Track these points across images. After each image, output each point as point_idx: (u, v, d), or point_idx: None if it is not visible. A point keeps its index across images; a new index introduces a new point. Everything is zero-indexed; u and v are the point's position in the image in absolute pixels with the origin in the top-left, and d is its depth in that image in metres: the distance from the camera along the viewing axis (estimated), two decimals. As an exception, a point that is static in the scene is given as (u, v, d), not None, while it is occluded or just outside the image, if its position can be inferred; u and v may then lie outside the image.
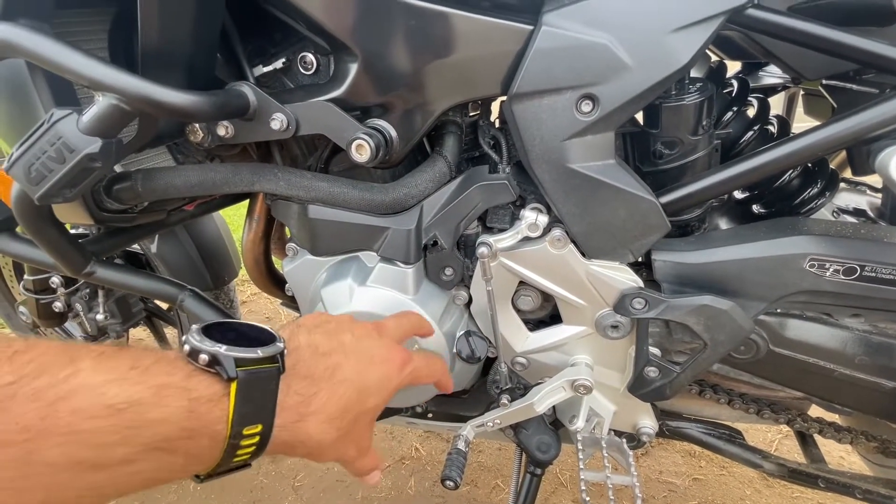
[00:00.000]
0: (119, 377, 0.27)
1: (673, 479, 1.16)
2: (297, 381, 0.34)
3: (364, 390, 0.38)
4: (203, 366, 0.30)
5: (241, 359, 0.31)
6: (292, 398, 0.34)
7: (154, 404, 0.27)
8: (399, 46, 0.50)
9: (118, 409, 0.26)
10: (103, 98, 0.44)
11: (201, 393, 0.29)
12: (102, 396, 0.26)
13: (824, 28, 0.44)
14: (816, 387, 0.59)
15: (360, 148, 0.52)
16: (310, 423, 0.34)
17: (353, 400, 0.37)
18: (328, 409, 0.35)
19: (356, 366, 0.38)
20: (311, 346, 0.38)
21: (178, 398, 0.28)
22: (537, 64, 0.48)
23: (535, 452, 0.66)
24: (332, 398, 0.35)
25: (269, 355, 0.32)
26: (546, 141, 0.50)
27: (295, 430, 0.34)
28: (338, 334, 0.40)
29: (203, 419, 0.29)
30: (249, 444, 0.31)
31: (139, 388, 0.27)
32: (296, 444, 0.34)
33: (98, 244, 0.66)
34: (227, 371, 0.30)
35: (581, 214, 0.53)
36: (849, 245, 0.50)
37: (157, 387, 0.28)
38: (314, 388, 0.35)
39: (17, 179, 0.47)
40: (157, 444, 0.28)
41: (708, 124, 0.54)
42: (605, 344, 0.61)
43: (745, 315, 0.52)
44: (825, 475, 0.65)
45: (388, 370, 0.41)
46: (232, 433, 0.30)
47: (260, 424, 0.31)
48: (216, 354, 0.30)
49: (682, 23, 0.45)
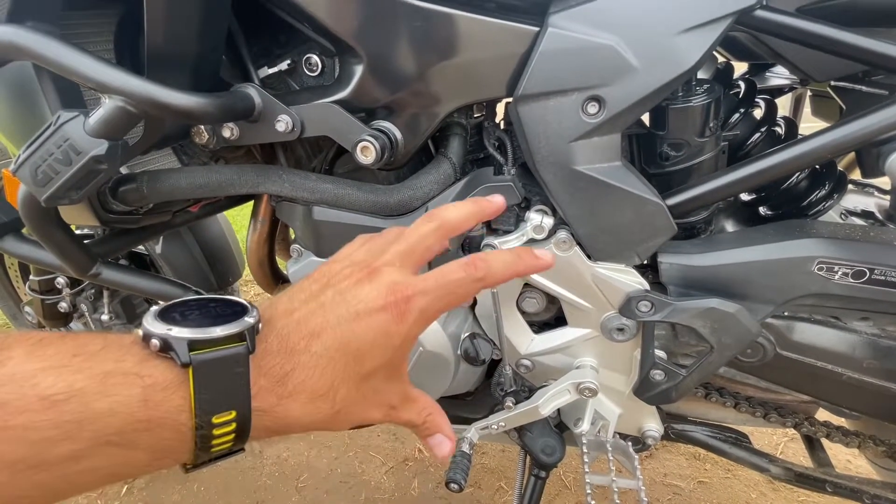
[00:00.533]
0: (57, 364, 0.24)
1: (678, 483, 1.16)
2: (269, 358, 0.29)
3: (355, 354, 0.31)
4: (156, 351, 0.26)
5: (196, 340, 0.27)
6: (266, 379, 0.29)
7: (99, 393, 0.24)
8: (404, 48, 0.50)
9: (55, 400, 0.23)
10: (109, 100, 0.44)
11: (156, 380, 0.26)
12: (35, 387, 0.23)
13: (833, 29, 0.44)
14: (824, 391, 0.58)
15: (366, 150, 0.52)
16: (291, 406, 0.29)
17: (341, 370, 0.30)
18: (309, 386, 0.29)
19: (338, 328, 0.31)
20: (287, 314, 0.32)
21: (129, 386, 0.25)
22: (543, 65, 0.48)
23: (540, 455, 0.66)
24: (312, 373, 0.30)
25: (231, 333, 0.27)
26: (552, 143, 0.50)
27: (277, 414, 0.29)
28: (322, 293, 0.33)
29: (160, 408, 0.25)
30: (225, 432, 0.27)
31: (81, 376, 0.24)
32: (284, 427, 0.30)
33: (103, 245, 0.66)
34: (178, 356, 0.26)
35: (587, 216, 0.53)
36: (858, 248, 0.49)
37: (103, 374, 0.25)
38: (289, 364, 0.29)
39: (24, 181, 0.48)
40: (108, 437, 0.24)
41: (715, 126, 0.54)
42: (610, 347, 0.60)
43: (752, 318, 0.52)
44: (833, 479, 0.65)
45: (382, 321, 0.31)
46: (198, 423, 0.26)
47: (233, 410, 0.27)
48: (166, 338, 0.26)
49: (690, 24, 0.45)
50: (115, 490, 1.21)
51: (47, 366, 0.24)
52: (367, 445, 1.31)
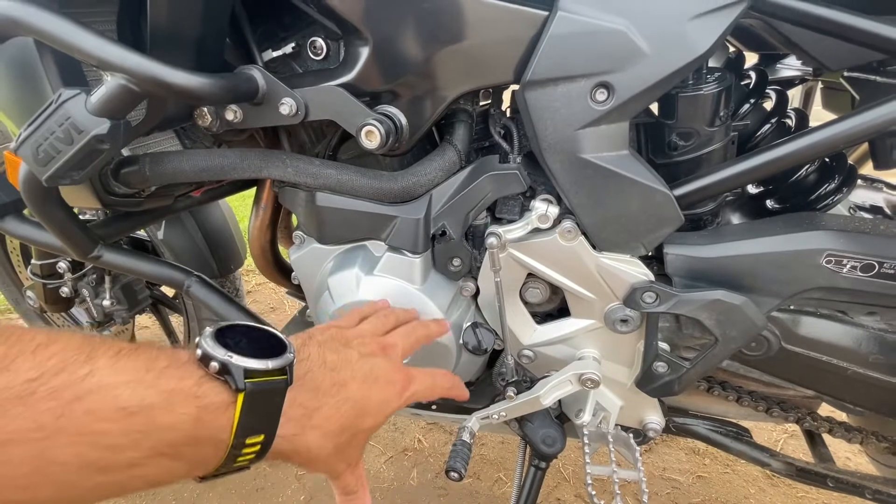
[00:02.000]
0: (134, 379, 0.27)
1: (677, 477, 1.16)
2: (303, 394, 0.35)
3: (364, 410, 0.38)
4: (213, 373, 0.30)
5: (251, 370, 0.30)
6: (296, 410, 0.34)
7: (164, 409, 0.27)
8: (411, 31, 0.49)
9: (130, 412, 0.26)
10: (112, 78, 0.43)
11: (210, 401, 0.29)
12: (116, 399, 0.26)
13: (850, 15, 0.43)
14: (829, 385, 0.58)
15: (370, 134, 0.51)
16: (309, 437, 0.35)
17: (352, 418, 0.37)
18: (329, 424, 0.36)
19: (361, 386, 0.39)
20: (320, 359, 0.38)
21: (188, 405, 0.28)
22: (552, 50, 0.47)
23: (541, 446, 0.66)
24: (334, 415, 0.36)
25: (279, 367, 0.32)
26: (559, 130, 0.49)
27: (294, 441, 0.34)
28: (346, 350, 0.41)
29: (209, 427, 0.29)
30: (250, 451, 0.31)
31: (151, 392, 0.27)
32: (292, 454, 0.35)
33: (105, 228, 0.65)
34: (235, 382, 0.30)
35: (593, 206, 0.52)
36: (868, 241, 0.48)
37: (168, 392, 0.28)
38: (318, 403, 0.36)
39: (25, 160, 0.47)
40: (163, 449, 0.28)
41: (725, 115, 0.53)
42: (613, 338, 0.60)
43: (758, 311, 0.51)
44: (834, 475, 0.65)
45: (389, 394, 0.41)
46: (234, 443, 0.30)
47: (263, 434, 0.31)
48: (227, 364, 0.30)
49: (703, 9, 0.44)
50: (115, 475, 1.22)
51: (126, 380, 0.27)
52: (366, 435, 1.31)
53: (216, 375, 0.30)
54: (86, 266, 0.99)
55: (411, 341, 0.50)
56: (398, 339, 0.48)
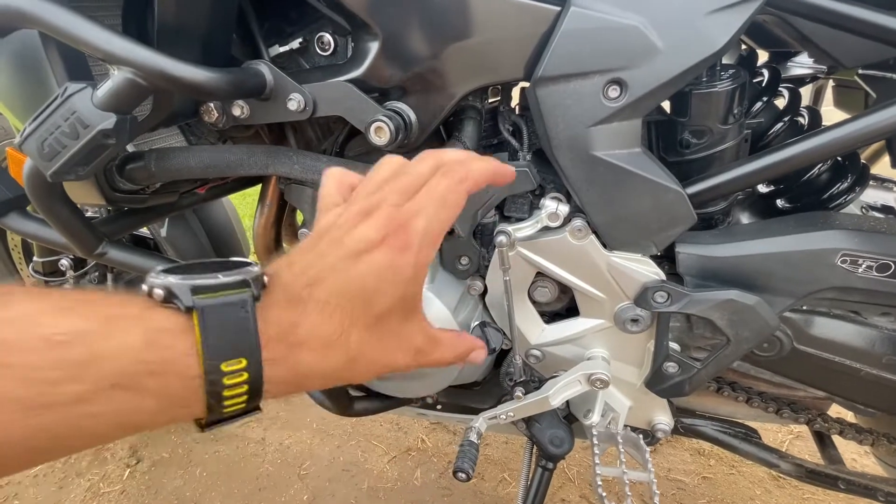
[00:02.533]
0: (60, 307, 0.24)
1: (682, 478, 1.15)
2: (275, 310, 0.28)
3: (360, 296, 0.30)
4: (160, 301, 0.26)
5: (199, 286, 0.26)
6: (272, 328, 0.28)
7: (103, 335, 0.23)
8: (421, 26, 0.49)
9: (58, 341, 0.23)
10: (119, 72, 0.43)
11: (160, 324, 0.25)
12: (38, 327, 0.23)
13: (866, 10, 0.42)
14: (841, 387, 0.57)
15: (380, 131, 0.51)
16: (303, 355, 0.28)
17: (349, 313, 0.29)
18: (319, 333, 0.29)
19: (339, 270, 0.30)
20: (290, 265, 0.31)
21: (132, 328, 0.24)
22: (564, 46, 0.46)
23: (548, 446, 0.65)
24: (320, 320, 0.29)
25: (236, 280, 0.27)
26: (570, 127, 0.49)
27: (290, 365, 0.28)
28: (317, 243, 0.32)
29: (167, 352, 0.25)
30: (237, 382, 0.26)
31: (83, 319, 0.24)
32: (301, 380, 0.29)
33: (109, 225, 0.65)
34: (182, 301, 0.25)
35: (604, 204, 0.51)
36: (884, 241, 0.48)
37: (106, 317, 0.24)
38: (295, 314, 0.29)
39: (30, 155, 0.46)
40: (115, 380, 0.23)
41: (739, 113, 0.53)
42: (623, 338, 0.59)
43: (770, 311, 0.51)
44: (846, 476, 0.64)
45: (384, 255, 0.30)
46: (207, 367, 0.25)
47: (243, 359, 0.26)
48: (169, 286, 0.26)
49: (719, 4, 0.43)
50: (117, 474, 1.22)
51: (50, 307, 0.23)
52: (369, 434, 1.30)
53: (164, 303, 0.26)
54: (88, 263, 0.98)
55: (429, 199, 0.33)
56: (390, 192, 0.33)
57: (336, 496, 1.14)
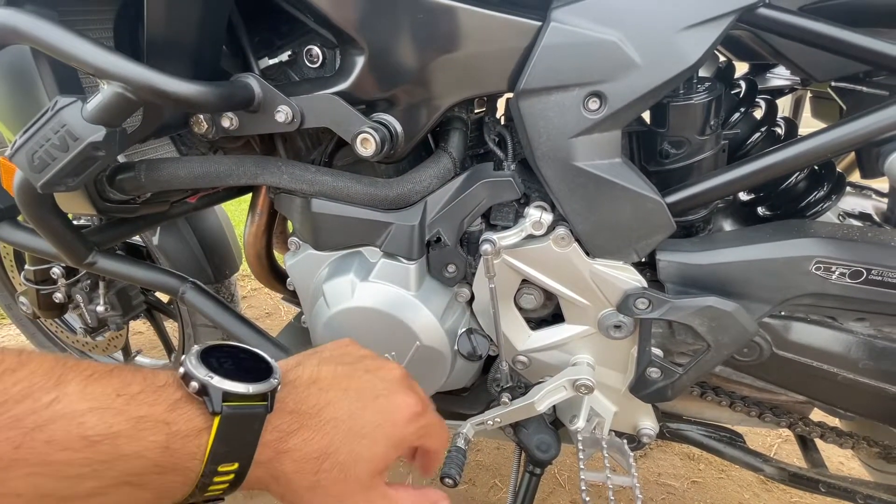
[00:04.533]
0: (101, 406, 0.26)
1: (671, 482, 1.16)
2: (281, 417, 0.32)
3: (353, 434, 0.33)
4: (192, 392, 0.29)
5: (230, 393, 0.29)
6: (272, 434, 0.31)
7: (131, 437, 0.26)
8: (406, 40, 0.50)
9: (93, 441, 0.25)
10: (108, 86, 0.44)
11: (180, 427, 0.28)
12: (80, 426, 0.25)
13: (835, 28, 0.44)
14: (819, 391, 0.58)
15: (366, 142, 0.52)
16: (284, 461, 0.31)
17: (336, 443, 0.32)
18: (306, 448, 0.31)
19: (352, 404, 0.33)
20: (311, 378, 0.34)
21: (156, 432, 0.27)
22: (545, 60, 0.48)
23: (535, 452, 0.66)
24: (313, 437, 0.32)
25: (259, 392, 0.30)
26: (552, 138, 0.50)
27: (269, 466, 0.31)
28: (349, 368, 0.36)
29: (177, 455, 0.28)
30: (223, 480, 0.29)
31: (119, 418, 0.26)
32: (270, 482, 0.32)
33: (100, 234, 0.65)
34: (213, 404, 0.29)
35: (586, 213, 0.53)
36: (855, 248, 0.49)
37: (137, 419, 0.27)
38: (296, 425, 0.32)
39: (21, 167, 0.47)
40: (128, 478, 0.26)
41: (716, 124, 0.54)
42: (607, 344, 0.60)
43: (749, 317, 0.52)
44: (826, 479, 0.65)
45: (392, 416, 0.34)
46: (205, 471, 0.28)
47: (237, 463, 0.29)
48: (206, 384, 0.29)
49: (692, 21, 0.45)
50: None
51: (94, 407, 0.26)
52: (361, 441, 1.30)
53: (195, 395, 0.29)
54: (80, 271, 0.98)
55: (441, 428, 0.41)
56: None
57: None
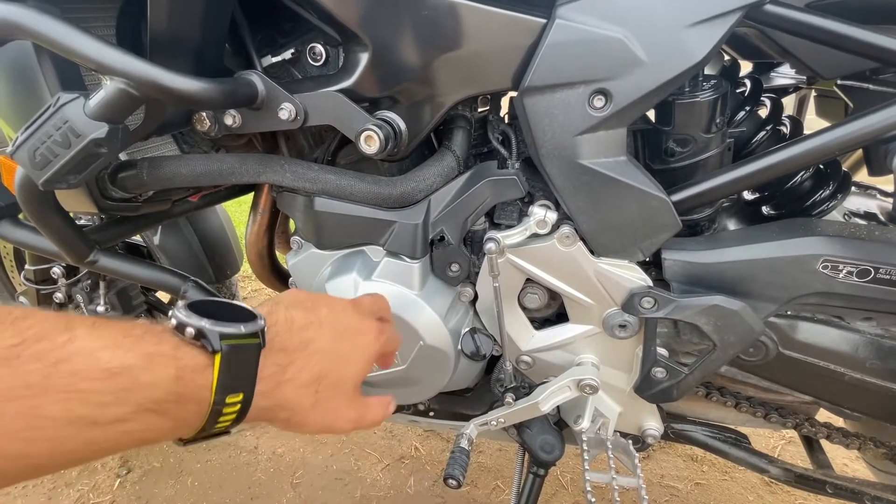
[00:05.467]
0: (112, 344, 0.29)
1: (675, 484, 1.15)
2: (274, 354, 0.37)
3: (338, 358, 0.41)
4: (189, 339, 0.32)
5: (225, 333, 0.33)
6: (269, 368, 0.36)
7: (145, 369, 0.30)
8: (411, 37, 0.50)
9: (113, 372, 0.28)
10: (111, 82, 0.43)
11: (188, 362, 0.32)
12: (98, 360, 0.28)
13: (843, 25, 0.44)
14: (826, 391, 0.58)
15: (370, 139, 0.51)
16: (286, 389, 0.37)
17: (326, 367, 0.39)
18: (302, 375, 0.38)
19: (330, 336, 0.41)
20: (287, 321, 0.40)
21: (167, 365, 0.31)
22: (550, 58, 0.47)
23: (539, 452, 0.65)
24: (305, 366, 0.38)
25: (251, 331, 0.35)
26: (557, 136, 0.50)
27: (272, 395, 0.36)
28: (315, 309, 0.42)
29: (189, 385, 0.31)
30: (231, 410, 0.34)
31: (131, 354, 0.30)
32: (274, 409, 0.37)
33: (101, 233, 0.65)
34: (211, 344, 0.32)
35: (591, 211, 0.52)
36: (863, 247, 0.49)
37: (147, 354, 0.30)
38: (287, 360, 0.38)
39: (22, 164, 0.47)
40: (149, 405, 0.30)
41: (721, 122, 0.54)
42: (612, 343, 0.60)
43: (755, 316, 0.52)
44: (833, 481, 0.65)
45: (364, 339, 0.44)
46: (216, 399, 0.32)
47: (241, 393, 0.34)
48: (202, 329, 0.32)
49: (699, 18, 0.44)
50: (107, 484, 1.20)
51: (106, 344, 0.29)
52: (363, 443, 1.30)
53: (192, 341, 0.32)
54: (80, 271, 0.98)
55: (378, 304, 0.51)
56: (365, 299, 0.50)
57: (329, 505, 1.13)
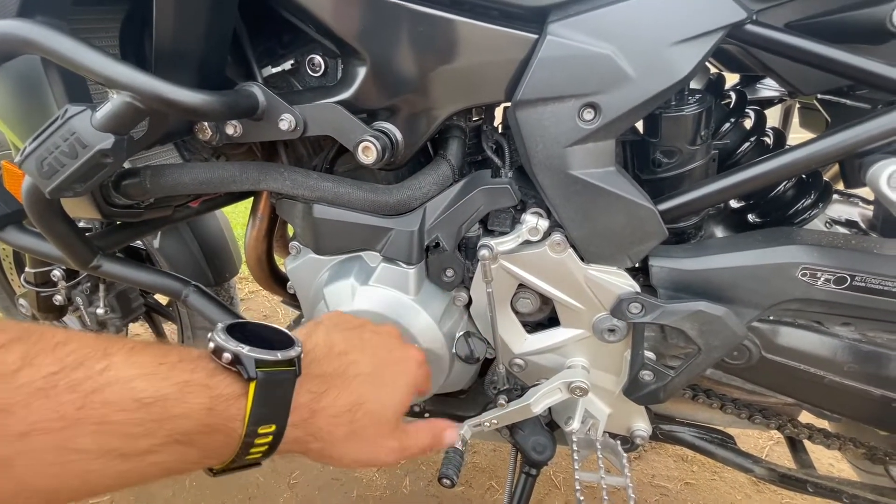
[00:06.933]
0: (148, 373, 0.29)
1: (665, 484, 1.17)
2: (310, 381, 0.36)
3: (378, 385, 0.39)
4: (225, 364, 0.32)
5: (262, 360, 0.32)
6: (304, 396, 0.35)
7: (177, 400, 0.29)
8: (408, 52, 0.51)
9: (145, 402, 0.28)
10: (117, 96, 0.45)
11: (221, 391, 0.31)
12: (132, 391, 0.28)
13: (820, 45, 0.46)
14: (806, 393, 0.60)
15: (367, 150, 0.53)
16: (320, 418, 0.35)
17: (365, 394, 0.38)
18: (338, 403, 0.36)
19: (370, 362, 0.39)
20: (326, 346, 0.39)
21: (200, 395, 0.30)
22: (542, 72, 0.49)
23: (531, 453, 0.67)
24: (342, 393, 0.37)
25: (288, 358, 0.34)
26: (548, 147, 0.52)
27: (305, 425, 0.35)
28: (356, 333, 0.41)
29: (221, 416, 0.31)
30: (263, 442, 0.32)
31: (165, 384, 0.29)
32: (308, 439, 0.35)
33: (104, 238, 0.66)
34: (247, 371, 0.32)
35: (581, 220, 0.54)
36: (840, 255, 0.51)
37: (181, 383, 0.30)
38: (324, 386, 0.36)
39: (30, 173, 0.48)
40: (178, 437, 0.29)
41: (706, 134, 0.56)
42: (601, 347, 0.62)
43: (738, 321, 0.54)
44: (813, 480, 0.67)
45: (405, 367, 0.42)
46: (247, 431, 0.31)
47: (274, 424, 0.32)
48: (239, 354, 0.32)
49: (683, 36, 0.46)
50: (105, 484, 1.21)
51: (140, 373, 0.29)
52: (359, 443, 1.31)
53: (228, 366, 0.32)
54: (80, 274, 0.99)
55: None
56: None
57: (326, 505, 1.14)
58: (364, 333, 0.41)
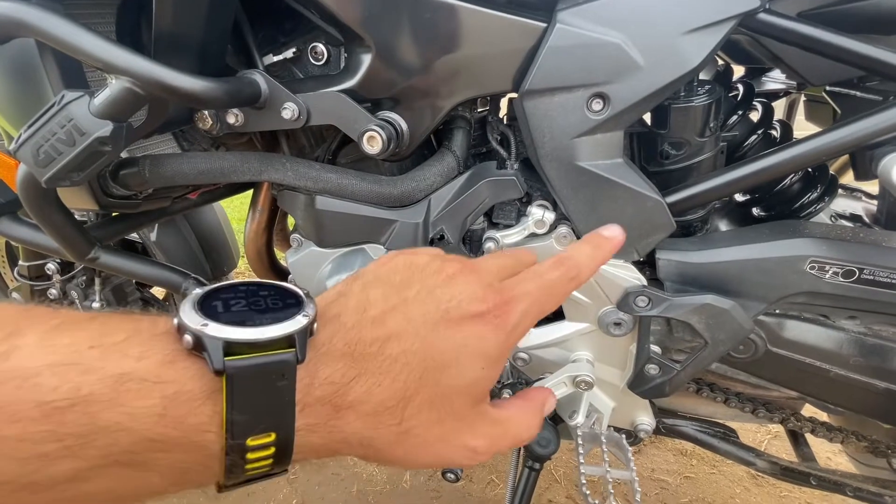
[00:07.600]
0: (66, 361, 0.19)
1: (665, 477, 1.18)
2: (331, 364, 0.23)
3: (435, 365, 0.25)
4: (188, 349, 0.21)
5: (235, 342, 0.21)
6: (322, 389, 0.23)
7: (109, 402, 0.19)
8: (413, 40, 0.50)
9: (56, 407, 0.18)
10: (116, 81, 0.44)
11: (179, 388, 0.20)
12: (36, 389, 0.18)
13: (832, 34, 0.45)
14: (812, 387, 0.60)
15: (372, 140, 0.52)
16: (349, 419, 0.23)
17: (415, 381, 0.24)
18: (375, 397, 0.24)
19: (421, 331, 0.25)
20: (359, 309, 0.25)
21: (144, 396, 0.20)
22: (550, 61, 0.48)
23: (535, 447, 0.67)
24: (381, 382, 0.24)
25: (277, 337, 0.22)
26: (556, 138, 0.51)
27: (329, 430, 0.23)
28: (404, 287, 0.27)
29: (180, 426, 0.20)
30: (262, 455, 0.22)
31: (90, 378, 0.19)
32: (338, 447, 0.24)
33: (102, 230, 0.65)
34: (211, 361, 0.20)
35: (588, 212, 0.53)
36: (849, 248, 0.51)
37: (116, 377, 0.19)
38: (354, 371, 0.23)
39: (25, 161, 0.47)
40: (117, 457, 0.19)
41: (715, 126, 0.55)
42: (606, 341, 0.61)
43: (745, 315, 0.53)
44: (816, 473, 0.67)
45: (480, 328, 0.26)
46: (229, 447, 0.21)
47: (273, 433, 0.22)
48: (200, 335, 0.21)
49: (695, 25, 0.46)
50: (101, 480, 1.20)
51: (54, 362, 0.19)
52: (358, 438, 1.31)
53: (192, 352, 0.21)
54: (75, 267, 0.98)
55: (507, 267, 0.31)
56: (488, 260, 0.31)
57: (325, 500, 1.14)
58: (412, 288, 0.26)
